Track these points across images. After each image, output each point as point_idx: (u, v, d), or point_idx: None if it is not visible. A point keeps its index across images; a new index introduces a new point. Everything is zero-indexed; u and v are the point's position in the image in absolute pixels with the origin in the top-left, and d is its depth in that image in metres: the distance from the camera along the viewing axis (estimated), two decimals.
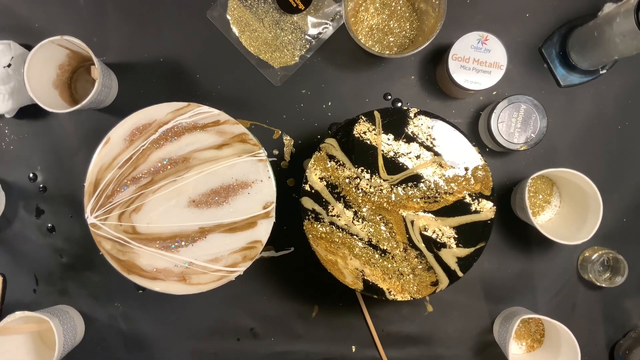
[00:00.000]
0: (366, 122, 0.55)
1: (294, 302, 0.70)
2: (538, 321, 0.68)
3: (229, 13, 0.67)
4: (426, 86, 0.68)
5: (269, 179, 0.56)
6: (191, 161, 0.56)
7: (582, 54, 0.65)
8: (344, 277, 0.55)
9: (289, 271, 0.70)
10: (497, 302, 0.69)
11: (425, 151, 0.55)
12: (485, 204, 0.55)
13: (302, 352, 0.70)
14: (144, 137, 0.56)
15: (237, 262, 0.56)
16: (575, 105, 0.68)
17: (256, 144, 0.56)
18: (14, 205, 0.69)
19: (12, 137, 0.69)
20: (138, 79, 0.69)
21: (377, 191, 0.55)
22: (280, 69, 0.68)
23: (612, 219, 0.68)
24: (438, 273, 0.55)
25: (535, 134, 0.63)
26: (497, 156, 0.69)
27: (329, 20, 0.67)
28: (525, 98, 0.63)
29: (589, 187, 0.61)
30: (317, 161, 0.55)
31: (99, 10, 0.68)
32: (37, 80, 0.61)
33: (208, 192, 0.56)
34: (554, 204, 0.68)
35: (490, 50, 0.61)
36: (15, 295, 0.70)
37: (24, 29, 0.68)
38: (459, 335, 0.70)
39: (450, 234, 0.55)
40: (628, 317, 0.69)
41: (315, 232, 0.55)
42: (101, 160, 0.55)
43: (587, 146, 0.68)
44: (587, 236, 0.60)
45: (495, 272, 0.69)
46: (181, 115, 0.56)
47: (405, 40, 0.66)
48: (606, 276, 0.67)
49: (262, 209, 0.56)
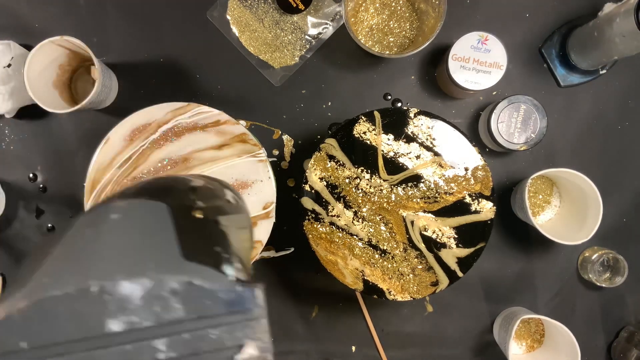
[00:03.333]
0: (366, 122, 0.55)
1: (294, 302, 0.70)
2: (538, 321, 0.68)
3: (229, 13, 0.67)
4: (426, 86, 0.68)
5: (269, 179, 0.56)
6: (191, 161, 0.56)
7: (582, 54, 0.65)
8: (344, 277, 0.55)
9: (289, 271, 0.70)
10: (497, 302, 0.69)
11: (425, 151, 0.55)
12: (485, 204, 0.55)
13: (302, 352, 0.70)
14: (144, 137, 0.56)
15: None
16: (575, 105, 0.68)
17: (256, 144, 0.56)
18: (14, 205, 0.69)
19: (12, 137, 0.69)
20: (138, 79, 0.69)
21: (377, 191, 0.55)
22: (280, 69, 0.68)
23: (612, 219, 0.68)
24: (438, 273, 0.55)
25: (535, 134, 0.63)
26: (497, 156, 0.69)
27: (329, 20, 0.67)
28: (525, 98, 0.63)
29: (589, 187, 0.61)
30: (317, 161, 0.55)
31: (99, 10, 0.68)
32: (37, 80, 0.61)
33: None
34: (554, 204, 0.68)
35: (490, 50, 0.61)
36: None
37: (24, 29, 0.68)
38: (459, 335, 0.70)
39: (450, 234, 0.55)
40: (628, 318, 0.69)
41: (315, 232, 0.55)
42: (101, 160, 0.55)
43: (587, 146, 0.68)
44: (587, 236, 0.60)
45: (495, 272, 0.69)
46: (181, 115, 0.56)
47: (405, 40, 0.66)
48: (606, 276, 0.67)
49: (262, 209, 0.56)
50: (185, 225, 0.23)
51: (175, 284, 0.21)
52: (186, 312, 0.21)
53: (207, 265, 0.22)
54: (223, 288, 0.22)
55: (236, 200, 0.28)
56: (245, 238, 0.26)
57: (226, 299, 0.22)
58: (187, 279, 0.21)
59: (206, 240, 0.23)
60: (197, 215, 0.24)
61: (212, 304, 0.21)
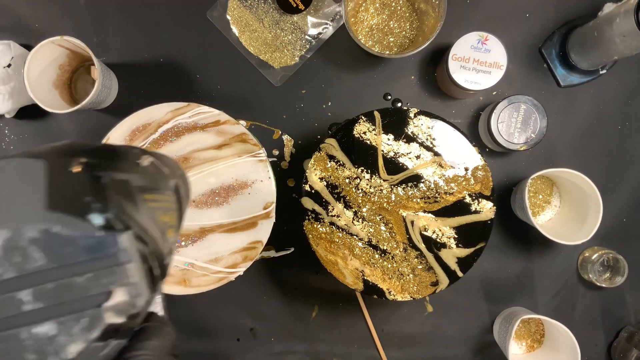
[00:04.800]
0: (366, 122, 0.55)
1: (294, 302, 0.70)
2: (538, 321, 0.68)
3: (229, 13, 0.67)
4: (426, 86, 0.68)
5: (269, 179, 0.56)
6: (191, 161, 0.56)
7: (582, 54, 0.65)
8: (344, 277, 0.55)
9: (289, 271, 0.70)
10: (497, 302, 0.69)
11: (425, 151, 0.55)
12: (485, 204, 0.55)
13: (302, 352, 0.70)
14: (144, 137, 0.56)
15: (237, 262, 0.56)
16: (575, 105, 0.68)
17: (256, 144, 0.56)
18: None
19: (12, 137, 0.69)
20: (138, 79, 0.69)
21: (377, 191, 0.55)
22: (280, 69, 0.68)
23: (612, 219, 0.68)
24: (438, 273, 0.55)
25: (535, 134, 0.63)
26: (497, 156, 0.69)
27: (329, 20, 0.67)
28: (525, 98, 0.63)
29: (589, 187, 0.61)
30: (317, 161, 0.55)
31: (99, 10, 0.68)
32: (37, 81, 0.61)
33: (208, 193, 0.56)
34: (554, 204, 0.68)
35: (490, 50, 0.61)
36: None
37: (24, 29, 0.68)
38: (459, 335, 0.70)
39: (450, 234, 0.55)
40: (628, 318, 0.69)
41: (315, 232, 0.55)
42: None
43: (587, 146, 0.68)
44: (587, 236, 0.60)
45: (495, 272, 0.69)
46: (181, 115, 0.56)
47: (405, 40, 0.66)
48: (606, 276, 0.67)
49: (263, 209, 0.56)
50: (59, 179, 0.23)
51: (34, 232, 0.21)
52: (47, 260, 0.21)
53: (71, 214, 0.22)
54: (82, 234, 0.22)
55: (155, 167, 0.28)
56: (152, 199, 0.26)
57: (85, 245, 0.22)
58: (45, 227, 0.21)
59: (77, 192, 0.23)
60: (74, 169, 0.23)
61: (73, 251, 0.21)
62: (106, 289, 0.22)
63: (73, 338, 0.21)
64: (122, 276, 0.22)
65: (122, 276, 0.22)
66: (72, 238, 0.21)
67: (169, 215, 0.28)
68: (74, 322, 0.21)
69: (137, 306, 0.23)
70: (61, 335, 0.21)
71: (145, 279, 0.23)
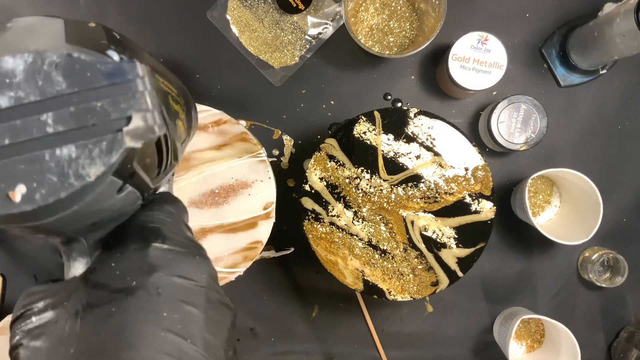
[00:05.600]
0: (366, 122, 0.55)
1: (294, 302, 0.70)
2: (538, 321, 0.68)
3: (229, 13, 0.67)
4: (426, 86, 0.68)
5: (269, 179, 0.56)
6: (191, 161, 0.56)
7: (582, 54, 0.65)
8: (344, 277, 0.55)
9: (289, 271, 0.70)
10: (497, 302, 0.69)
11: (425, 151, 0.55)
12: (485, 204, 0.55)
13: (302, 352, 0.70)
14: None
15: (237, 262, 0.56)
16: (575, 105, 0.68)
17: (256, 144, 0.56)
18: None
19: None
20: None
21: (377, 191, 0.55)
22: (280, 69, 0.68)
23: (612, 219, 0.68)
24: (438, 273, 0.55)
25: (535, 134, 0.63)
26: (497, 156, 0.69)
27: (329, 20, 0.67)
28: (525, 98, 0.63)
29: (589, 187, 0.61)
30: (317, 161, 0.55)
31: (99, 11, 0.68)
32: None
33: (208, 193, 0.56)
34: (554, 204, 0.68)
35: (490, 50, 0.61)
36: (15, 295, 0.70)
37: None
38: (459, 335, 0.70)
39: (451, 234, 0.55)
40: (628, 318, 0.69)
41: (315, 233, 0.55)
42: None
43: (587, 146, 0.68)
44: (587, 236, 0.60)
45: (495, 272, 0.69)
46: None
47: (405, 40, 0.66)
48: (606, 276, 0.67)
49: (263, 210, 0.56)
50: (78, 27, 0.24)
51: (55, 57, 0.22)
52: (68, 84, 0.22)
53: (89, 48, 0.23)
54: (102, 60, 0.23)
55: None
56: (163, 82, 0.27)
57: (105, 70, 0.23)
58: (66, 52, 0.22)
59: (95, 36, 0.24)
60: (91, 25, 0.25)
61: (93, 76, 0.22)
62: (125, 114, 0.22)
63: (94, 161, 0.22)
64: (140, 102, 0.23)
65: (141, 102, 0.23)
66: (92, 63, 0.22)
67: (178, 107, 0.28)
68: (94, 146, 0.22)
69: (155, 133, 0.24)
70: (82, 157, 0.22)
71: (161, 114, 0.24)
